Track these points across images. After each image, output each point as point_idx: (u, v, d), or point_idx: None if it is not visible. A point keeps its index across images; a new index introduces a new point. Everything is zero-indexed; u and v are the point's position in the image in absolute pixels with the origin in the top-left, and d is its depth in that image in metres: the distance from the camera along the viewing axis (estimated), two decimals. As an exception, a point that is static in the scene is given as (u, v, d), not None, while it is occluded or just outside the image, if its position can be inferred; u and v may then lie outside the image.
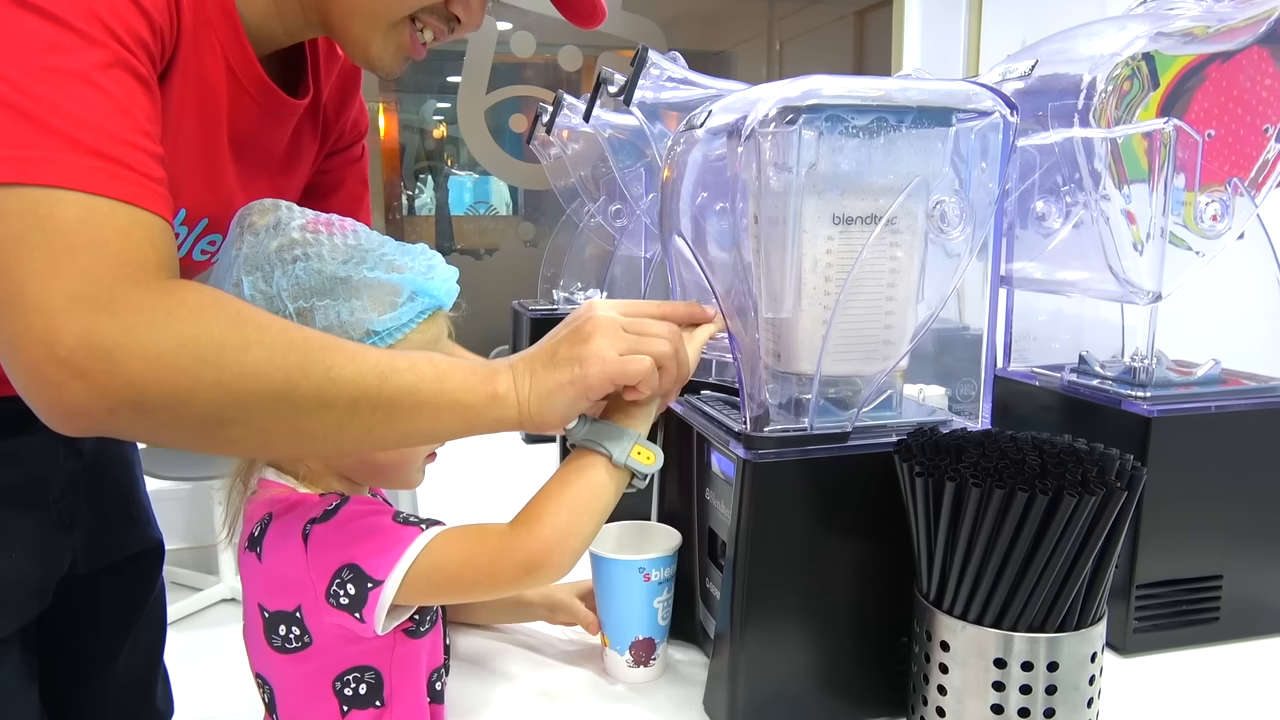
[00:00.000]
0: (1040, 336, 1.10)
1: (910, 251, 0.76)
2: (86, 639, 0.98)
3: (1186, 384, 0.91)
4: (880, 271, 0.76)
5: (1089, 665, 0.65)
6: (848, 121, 0.72)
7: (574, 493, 0.69)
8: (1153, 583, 0.88)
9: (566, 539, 0.67)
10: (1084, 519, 0.61)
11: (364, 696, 0.71)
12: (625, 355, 0.66)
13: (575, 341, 0.66)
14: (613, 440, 0.70)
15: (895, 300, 0.77)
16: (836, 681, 0.77)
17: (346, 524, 0.68)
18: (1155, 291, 0.85)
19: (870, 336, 0.77)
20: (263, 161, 0.87)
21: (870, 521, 0.75)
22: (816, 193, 0.73)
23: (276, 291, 0.69)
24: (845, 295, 0.75)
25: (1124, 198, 0.88)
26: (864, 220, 0.74)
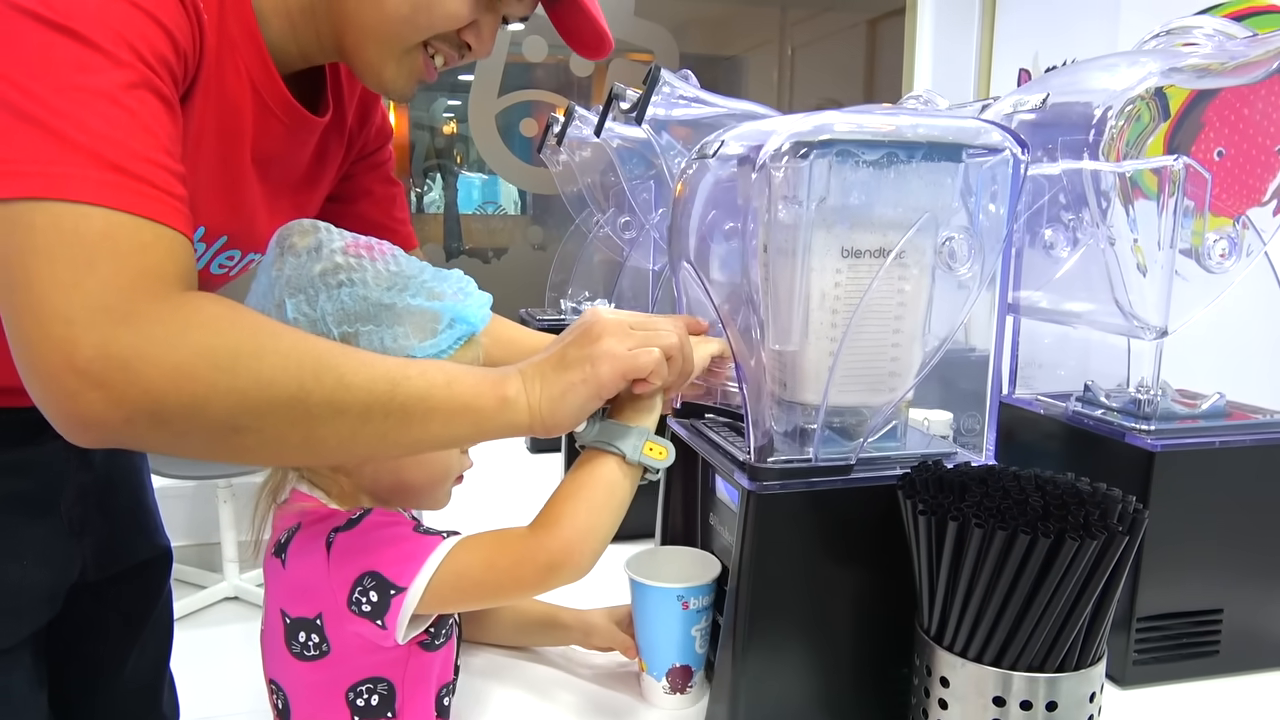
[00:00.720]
0: (1045, 363, 1.10)
1: (918, 285, 0.76)
2: (95, 646, 0.99)
3: (1191, 417, 0.91)
4: (887, 305, 0.77)
5: (1087, 705, 0.65)
6: (858, 156, 0.73)
7: (590, 492, 0.70)
8: (1153, 615, 0.88)
9: (586, 539, 0.69)
10: (1085, 562, 0.61)
11: (375, 708, 0.71)
12: (634, 350, 0.68)
13: (584, 343, 0.68)
14: (623, 439, 0.71)
15: (902, 334, 0.77)
16: (835, 710, 0.77)
17: (369, 533, 0.69)
18: (1161, 327, 0.86)
19: (876, 369, 0.78)
20: (287, 179, 0.88)
21: (872, 553, 0.76)
22: (826, 226, 0.74)
23: (321, 315, 0.71)
24: (852, 328, 0.75)
25: (1131, 232, 0.89)
26: (872, 254, 0.75)
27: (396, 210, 1.07)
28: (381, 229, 1.02)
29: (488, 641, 0.95)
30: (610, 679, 0.89)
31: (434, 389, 0.63)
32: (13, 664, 0.83)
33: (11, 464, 0.83)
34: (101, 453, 0.93)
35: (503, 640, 0.95)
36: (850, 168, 0.73)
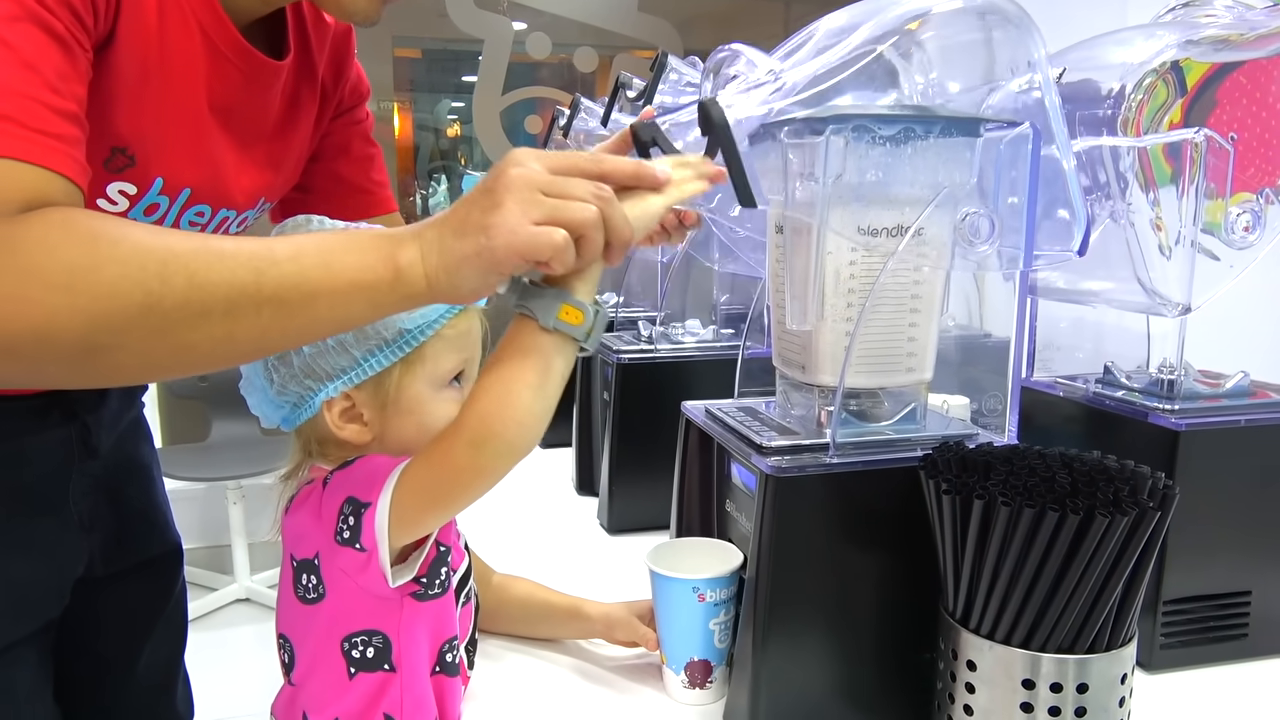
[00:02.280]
0: (1063, 345, 1.08)
1: (936, 264, 0.75)
2: (106, 641, 0.98)
3: (1215, 396, 0.89)
4: (905, 284, 0.76)
5: (1119, 687, 0.64)
6: (874, 131, 0.71)
7: (507, 362, 0.64)
8: (1180, 599, 0.86)
9: (504, 408, 0.63)
10: (1116, 539, 0.59)
11: (372, 659, 0.71)
12: (539, 224, 0.57)
13: (486, 206, 0.58)
14: (536, 302, 0.63)
15: (920, 313, 0.76)
16: (858, 698, 0.76)
17: (356, 469, 0.70)
18: (1184, 304, 0.84)
19: (894, 349, 0.77)
20: (254, 128, 0.85)
21: (894, 536, 0.74)
22: (842, 203, 0.73)
23: None
24: (869, 308, 0.74)
25: (1151, 207, 0.87)
26: (889, 232, 0.73)
27: (374, 172, 1.05)
28: (359, 190, 1.02)
29: (510, 632, 0.94)
30: (633, 671, 0.88)
31: (309, 271, 0.58)
32: (17, 660, 0.82)
33: (12, 455, 0.82)
34: (109, 443, 0.92)
35: (525, 632, 0.94)
36: (866, 144, 0.71)
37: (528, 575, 0.96)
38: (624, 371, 1.24)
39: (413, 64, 3.53)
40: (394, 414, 0.74)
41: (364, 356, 0.72)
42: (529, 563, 1.00)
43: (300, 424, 0.75)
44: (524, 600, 0.94)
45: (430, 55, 3.57)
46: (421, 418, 0.74)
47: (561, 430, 1.56)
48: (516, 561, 0.99)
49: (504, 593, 0.94)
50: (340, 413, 0.73)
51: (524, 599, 0.94)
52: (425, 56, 3.58)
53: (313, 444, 0.76)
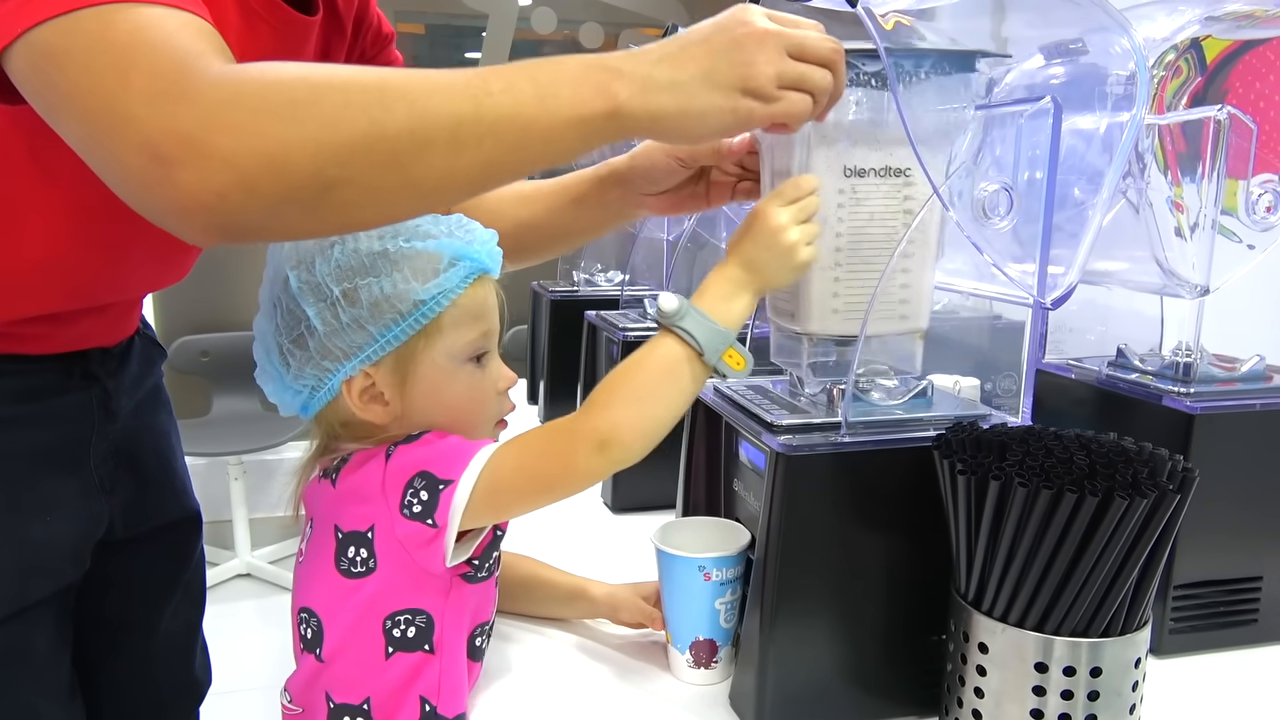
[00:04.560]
0: (1075, 328, 1.07)
1: (929, 206, 0.72)
2: (123, 606, 0.97)
3: (1229, 380, 0.88)
4: (895, 227, 0.73)
5: (1133, 671, 0.63)
6: (858, 68, 0.69)
7: (651, 376, 0.67)
8: (1190, 583, 0.86)
9: (637, 419, 0.66)
10: (1134, 522, 0.59)
11: (412, 639, 0.70)
12: (786, 89, 0.62)
13: (737, 61, 0.61)
14: (707, 335, 0.67)
15: (912, 258, 0.74)
16: (866, 679, 0.75)
17: (426, 443, 0.69)
18: (1203, 285, 0.83)
19: (886, 295, 0.74)
20: None
21: (905, 516, 0.74)
22: (826, 143, 0.71)
23: (320, 279, 0.70)
24: (859, 253, 0.73)
25: (1170, 187, 0.86)
26: (878, 173, 0.72)
27: None
28: None
29: (514, 611, 0.93)
30: (637, 650, 0.88)
31: (524, 104, 0.58)
32: (36, 621, 0.82)
33: (35, 415, 0.82)
34: (129, 408, 0.92)
35: (529, 611, 0.94)
36: (851, 81, 0.69)
37: (531, 554, 0.96)
38: (630, 349, 1.23)
39: (415, 39, 3.50)
40: (415, 391, 0.72)
41: (380, 332, 0.70)
42: (533, 542, 0.99)
43: (320, 409, 0.74)
44: (527, 580, 0.93)
45: (434, 31, 3.54)
46: (443, 394, 0.73)
47: (565, 407, 1.55)
48: (520, 541, 0.98)
49: (508, 572, 0.93)
50: (360, 392, 0.72)
51: (527, 578, 0.93)
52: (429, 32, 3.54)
53: (336, 427, 0.75)
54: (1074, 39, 0.79)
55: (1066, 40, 0.80)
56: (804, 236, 0.68)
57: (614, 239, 1.93)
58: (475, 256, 0.72)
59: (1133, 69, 0.76)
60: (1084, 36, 0.83)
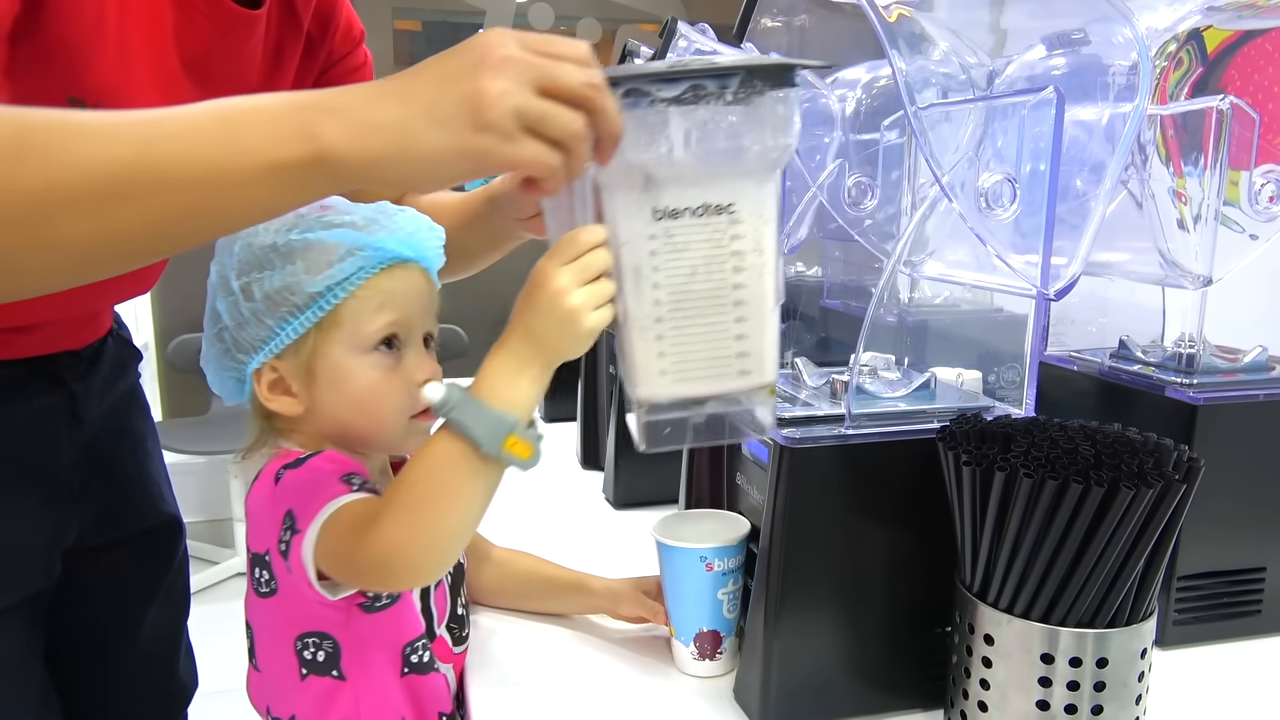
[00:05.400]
0: (1077, 320, 1.07)
1: (758, 245, 0.61)
2: (103, 610, 0.97)
3: (1232, 371, 0.88)
4: (722, 272, 0.61)
5: (1139, 661, 0.63)
6: (652, 94, 0.56)
7: (426, 483, 0.60)
8: (1194, 574, 0.85)
9: (417, 538, 0.59)
10: (1140, 512, 0.58)
11: (322, 664, 0.70)
12: (528, 131, 0.50)
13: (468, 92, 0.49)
14: (483, 426, 0.57)
15: (746, 305, 0.62)
16: (871, 672, 0.75)
17: (303, 477, 0.68)
18: (1206, 275, 0.82)
19: (719, 350, 0.63)
20: (233, 82, 0.80)
21: (909, 509, 0.73)
22: (627, 185, 0.59)
23: (225, 273, 0.71)
24: (681, 305, 0.61)
25: (1172, 177, 0.86)
26: (694, 212, 0.60)
27: None
28: None
29: (514, 608, 0.93)
30: (640, 645, 0.87)
31: (204, 150, 0.48)
32: (4, 628, 0.81)
33: None
34: (100, 412, 0.91)
35: (529, 607, 0.93)
36: (647, 109, 0.57)
37: (532, 551, 0.95)
38: (630, 344, 1.23)
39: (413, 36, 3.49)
40: (319, 383, 0.71)
41: (279, 325, 0.70)
42: (533, 538, 0.99)
43: (249, 398, 0.74)
44: (527, 576, 0.93)
45: (431, 28, 3.53)
46: (346, 386, 0.71)
47: (566, 404, 1.55)
48: (520, 537, 0.98)
49: (507, 568, 0.93)
50: (269, 385, 0.72)
51: (527, 574, 0.93)
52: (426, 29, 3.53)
53: (263, 419, 0.75)
54: (1076, 29, 0.79)
55: (1068, 30, 0.80)
56: (589, 300, 0.58)
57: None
58: (380, 245, 0.70)
59: (1135, 59, 0.76)
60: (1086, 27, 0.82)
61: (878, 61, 1.06)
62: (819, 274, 1.42)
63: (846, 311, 1.30)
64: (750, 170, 0.60)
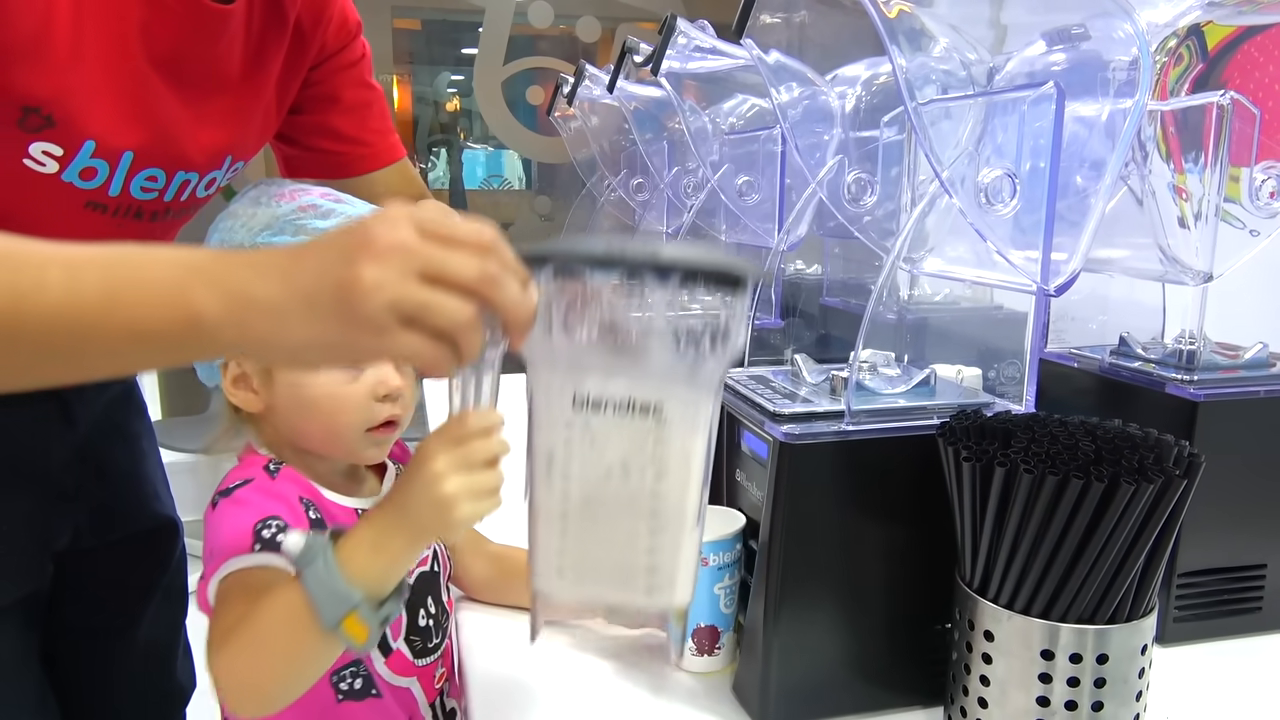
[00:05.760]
0: (1077, 317, 1.07)
1: (684, 454, 0.55)
2: (100, 611, 0.97)
3: (1232, 368, 0.88)
4: (640, 478, 0.55)
5: (1139, 658, 0.63)
6: (582, 276, 0.53)
7: (270, 631, 0.58)
8: (1194, 571, 0.85)
9: (261, 677, 0.58)
10: (1141, 508, 0.58)
11: None
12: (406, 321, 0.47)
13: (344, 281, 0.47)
14: (325, 596, 0.55)
15: (662, 517, 0.56)
16: (870, 669, 0.75)
17: (229, 509, 0.67)
18: (1206, 271, 0.82)
19: (627, 561, 0.57)
20: (209, 81, 0.78)
21: (909, 505, 0.73)
22: (550, 363, 0.55)
23: None
24: (589, 504, 0.56)
25: (1172, 174, 0.85)
26: (619, 408, 0.54)
27: (373, 120, 0.97)
28: (356, 143, 0.96)
29: (510, 604, 0.93)
30: (638, 642, 0.87)
31: (79, 309, 0.47)
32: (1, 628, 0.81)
33: None
34: (94, 413, 0.90)
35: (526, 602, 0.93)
36: (582, 290, 0.54)
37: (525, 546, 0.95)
38: (630, 342, 1.22)
39: (412, 35, 3.49)
40: (276, 386, 0.71)
41: None
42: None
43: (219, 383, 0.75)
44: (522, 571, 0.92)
45: (430, 26, 3.53)
46: (302, 393, 0.70)
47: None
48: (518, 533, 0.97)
49: (502, 564, 0.92)
50: (233, 380, 0.72)
51: (522, 570, 0.93)
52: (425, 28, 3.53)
53: (231, 410, 0.76)
54: (1076, 24, 0.78)
55: (1069, 26, 0.79)
56: (466, 490, 0.55)
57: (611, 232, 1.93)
58: None
59: (1136, 54, 0.76)
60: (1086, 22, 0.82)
61: (878, 59, 1.05)
62: (819, 272, 1.42)
63: (846, 309, 1.30)
64: (685, 372, 0.54)
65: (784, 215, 1.18)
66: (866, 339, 0.76)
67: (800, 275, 1.45)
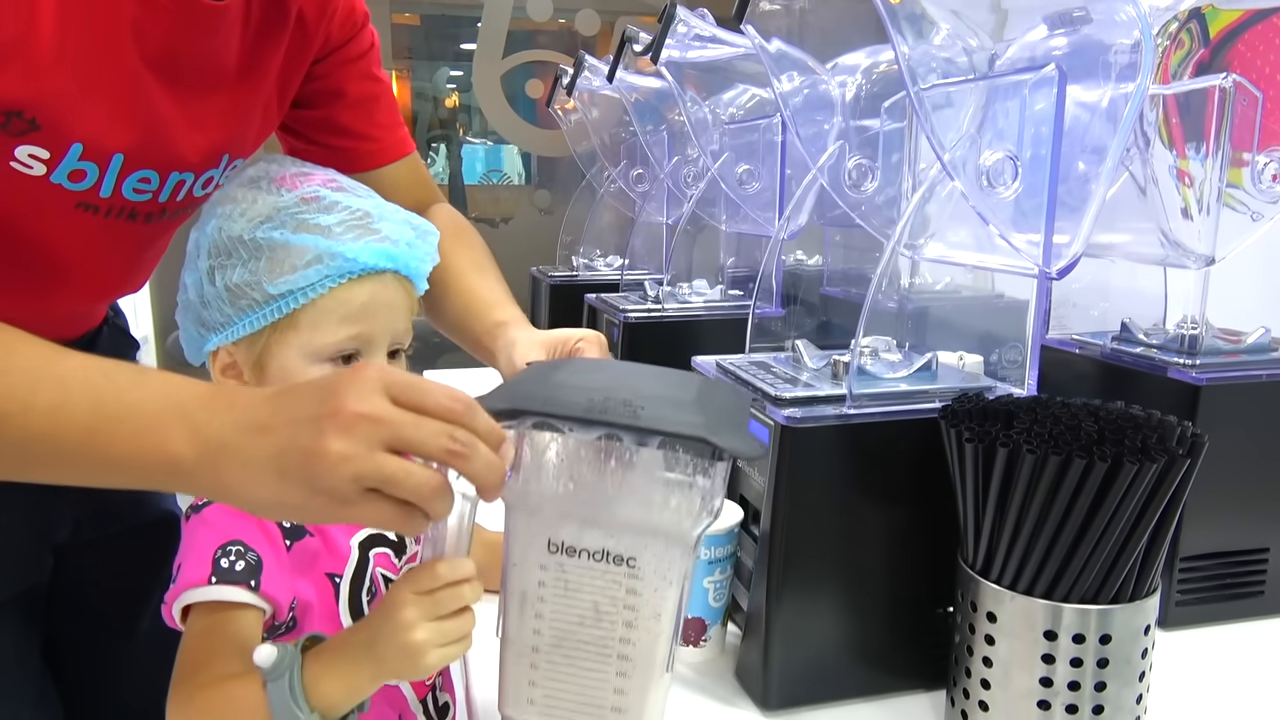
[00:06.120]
0: (1078, 304, 1.07)
1: (656, 609, 0.56)
2: (102, 603, 0.96)
3: (1235, 352, 0.88)
4: (611, 624, 0.57)
5: (1142, 638, 0.63)
6: (560, 432, 0.55)
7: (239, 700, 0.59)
8: (1197, 555, 0.85)
9: None
10: (1144, 488, 0.58)
11: None
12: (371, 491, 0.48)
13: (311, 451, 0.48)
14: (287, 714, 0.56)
15: (631, 661, 0.57)
16: (872, 653, 0.75)
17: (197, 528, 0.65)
18: (1209, 255, 0.82)
19: (595, 700, 0.59)
20: (205, 78, 0.76)
21: (910, 488, 0.73)
22: (528, 509, 0.56)
23: (198, 246, 0.70)
24: (561, 645, 0.58)
25: (1175, 158, 0.85)
26: (594, 556, 0.56)
27: (380, 115, 0.95)
28: (363, 138, 0.94)
29: None
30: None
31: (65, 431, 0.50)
32: None
33: None
34: None
35: None
36: (561, 444, 0.55)
37: None
38: (631, 330, 1.23)
39: (411, 31, 3.48)
40: (267, 380, 0.69)
41: (236, 315, 0.68)
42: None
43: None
44: None
45: (429, 21, 3.52)
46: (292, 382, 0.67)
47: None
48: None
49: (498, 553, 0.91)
50: (223, 367, 0.71)
51: None
52: (424, 23, 3.52)
53: None
54: (1078, 7, 0.78)
55: (1070, 9, 0.79)
56: (435, 638, 0.56)
57: (613, 225, 1.93)
58: (351, 256, 0.67)
59: (1138, 37, 0.76)
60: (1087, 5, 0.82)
61: (878, 46, 1.05)
62: (819, 262, 1.42)
63: (846, 298, 1.30)
64: (660, 529, 0.55)
65: (784, 203, 1.18)
66: (867, 326, 0.76)
67: (801, 265, 1.45)
